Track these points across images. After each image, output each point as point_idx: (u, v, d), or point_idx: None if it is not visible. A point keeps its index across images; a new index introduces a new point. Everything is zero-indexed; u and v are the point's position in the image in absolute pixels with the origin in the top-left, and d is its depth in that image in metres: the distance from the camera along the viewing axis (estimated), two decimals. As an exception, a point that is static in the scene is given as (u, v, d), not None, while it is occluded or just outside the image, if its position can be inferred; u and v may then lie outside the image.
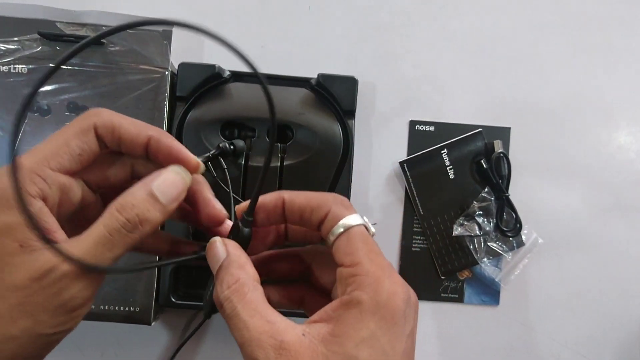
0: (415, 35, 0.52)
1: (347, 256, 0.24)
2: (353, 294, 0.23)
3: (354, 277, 0.23)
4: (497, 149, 0.49)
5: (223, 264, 0.24)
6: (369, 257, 0.24)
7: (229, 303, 0.23)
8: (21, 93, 0.43)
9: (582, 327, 0.51)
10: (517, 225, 0.49)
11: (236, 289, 0.23)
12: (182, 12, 0.51)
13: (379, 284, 0.23)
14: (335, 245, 0.25)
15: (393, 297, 0.23)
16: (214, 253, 0.25)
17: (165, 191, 0.24)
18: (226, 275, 0.24)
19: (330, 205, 0.25)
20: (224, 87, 0.45)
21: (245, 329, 0.22)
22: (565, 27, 0.52)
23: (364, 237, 0.24)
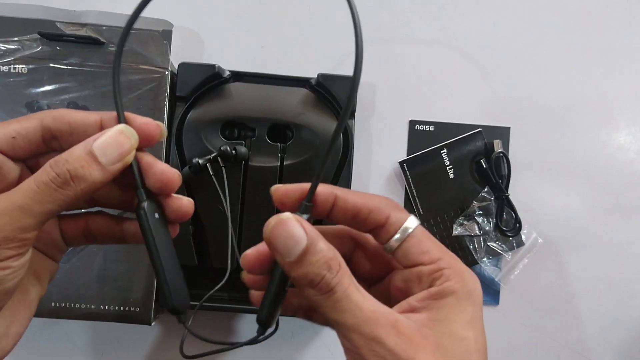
0: (415, 35, 0.52)
1: (425, 255, 0.25)
2: (445, 285, 0.24)
3: (439, 272, 0.24)
4: (496, 149, 0.49)
5: (310, 246, 0.23)
6: (444, 252, 0.25)
7: (341, 286, 0.23)
8: (21, 93, 0.43)
9: (582, 327, 0.51)
10: (517, 225, 0.49)
11: (343, 272, 0.23)
12: (182, 12, 0.51)
13: (463, 274, 0.24)
14: (403, 247, 0.25)
15: (477, 286, 0.25)
16: (289, 234, 0.23)
17: (106, 150, 0.24)
18: (327, 259, 0.23)
19: (389, 210, 0.26)
20: (224, 87, 0.45)
21: (358, 310, 0.22)
22: (565, 27, 0.52)
23: (429, 235, 0.26)
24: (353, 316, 0.22)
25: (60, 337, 0.49)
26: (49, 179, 0.23)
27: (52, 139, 0.26)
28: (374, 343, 0.22)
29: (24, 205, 0.22)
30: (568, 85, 0.52)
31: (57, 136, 0.26)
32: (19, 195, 0.23)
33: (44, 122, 0.26)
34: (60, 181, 0.23)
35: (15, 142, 0.25)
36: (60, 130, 0.26)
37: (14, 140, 0.25)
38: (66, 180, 0.23)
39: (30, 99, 0.43)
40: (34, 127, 0.26)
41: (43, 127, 0.26)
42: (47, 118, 0.26)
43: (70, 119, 0.26)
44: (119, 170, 0.25)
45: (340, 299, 0.23)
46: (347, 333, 0.23)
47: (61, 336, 0.49)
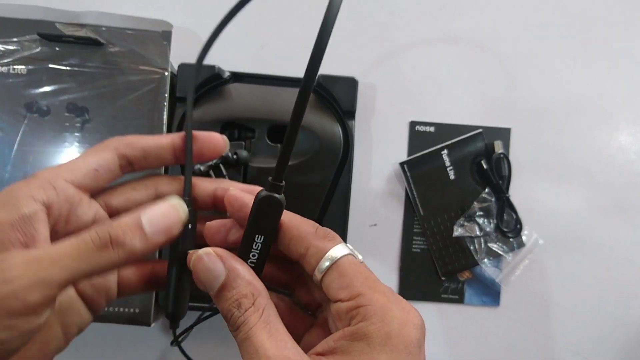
0: (415, 35, 0.52)
1: (343, 290, 0.22)
2: (359, 325, 0.21)
3: (356, 310, 0.22)
4: (497, 150, 0.49)
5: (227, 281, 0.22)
6: (368, 286, 0.22)
7: (245, 326, 0.22)
8: (20, 94, 0.42)
9: (582, 328, 0.50)
10: (518, 226, 0.49)
11: (253, 311, 0.22)
12: (181, 12, 0.51)
13: (386, 312, 0.21)
14: (325, 281, 0.23)
15: (405, 326, 0.21)
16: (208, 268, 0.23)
17: (154, 221, 0.23)
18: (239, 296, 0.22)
19: (310, 239, 0.24)
20: (224, 88, 0.45)
21: (255, 354, 0.21)
22: (565, 27, 0.52)
23: (356, 266, 0.23)
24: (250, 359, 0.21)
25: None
26: (89, 238, 0.22)
27: (127, 165, 0.26)
28: None
29: (57, 256, 0.21)
30: (568, 86, 0.52)
31: (132, 162, 0.26)
32: (57, 247, 0.22)
33: (119, 150, 0.26)
34: (99, 243, 0.22)
35: (98, 174, 0.25)
36: (135, 156, 0.26)
37: (97, 173, 0.25)
38: (106, 243, 0.22)
39: (30, 99, 0.43)
40: (112, 157, 0.26)
41: (119, 155, 0.26)
42: (121, 146, 0.26)
43: (143, 144, 0.26)
44: (163, 243, 0.24)
45: (243, 340, 0.22)
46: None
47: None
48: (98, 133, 0.43)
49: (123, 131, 0.43)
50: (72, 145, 0.43)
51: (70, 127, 0.43)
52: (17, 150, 0.43)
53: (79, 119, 0.43)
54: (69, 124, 0.43)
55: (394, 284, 0.50)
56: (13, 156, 0.43)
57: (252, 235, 0.24)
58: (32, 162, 0.43)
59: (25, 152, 0.43)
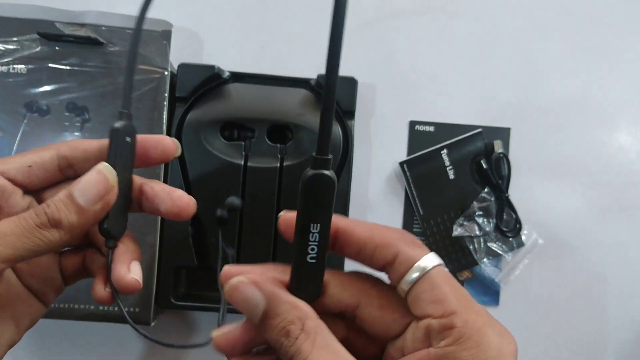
0: (415, 35, 0.52)
1: (435, 305, 0.20)
2: (449, 350, 0.19)
3: (449, 330, 0.20)
4: (497, 150, 0.49)
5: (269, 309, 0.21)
6: (463, 304, 0.20)
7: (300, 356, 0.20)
8: (20, 93, 0.43)
9: (582, 328, 0.50)
10: (517, 225, 0.49)
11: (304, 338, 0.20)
12: (181, 12, 0.51)
13: (482, 337, 0.20)
14: (413, 292, 0.21)
15: (501, 354, 0.20)
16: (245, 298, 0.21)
17: (85, 191, 0.24)
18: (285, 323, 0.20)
19: (398, 245, 0.21)
20: (224, 88, 0.45)
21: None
22: (565, 27, 0.52)
23: (449, 279, 0.21)
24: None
25: (59, 337, 0.49)
26: (30, 217, 0.23)
27: (67, 167, 0.26)
28: None
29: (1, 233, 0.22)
30: (568, 86, 0.52)
31: (72, 164, 0.26)
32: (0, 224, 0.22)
33: (61, 150, 0.26)
34: (39, 222, 0.23)
35: (32, 170, 0.26)
36: (76, 157, 0.26)
37: (30, 169, 0.26)
38: (44, 222, 0.23)
39: (30, 99, 0.43)
40: (50, 156, 0.26)
41: (60, 155, 0.26)
42: (63, 147, 0.26)
43: (86, 146, 0.26)
44: (101, 211, 0.24)
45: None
46: None
47: (60, 336, 0.49)
48: (98, 132, 0.43)
49: (123, 131, 0.43)
50: (72, 144, 0.43)
51: (70, 126, 0.43)
52: (17, 149, 0.43)
53: (79, 119, 0.43)
54: (69, 124, 0.43)
55: (394, 284, 0.50)
56: (13, 155, 0.43)
57: (307, 225, 0.21)
58: (32, 161, 0.43)
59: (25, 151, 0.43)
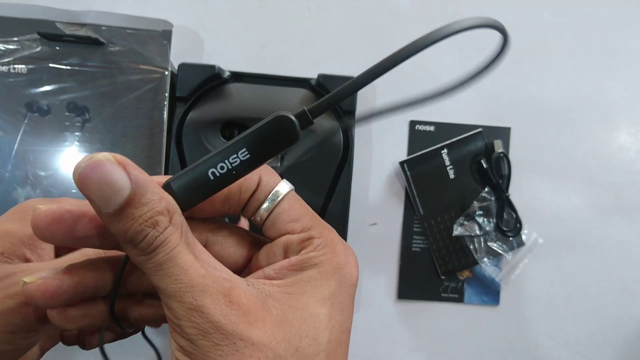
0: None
1: (295, 223, 0.22)
2: (310, 255, 0.21)
3: (308, 241, 0.22)
4: (497, 149, 0.49)
5: (134, 196, 0.18)
6: (317, 221, 0.23)
7: (166, 246, 0.18)
8: (21, 93, 0.43)
9: (582, 327, 0.50)
10: (517, 225, 0.49)
11: (172, 230, 0.19)
12: (181, 12, 0.51)
13: (335, 246, 0.22)
14: (273, 216, 0.22)
15: (349, 261, 0.22)
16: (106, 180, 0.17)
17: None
18: (153, 213, 0.18)
19: (259, 173, 0.22)
20: (224, 88, 0.45)
21: (183, 274, 0.18)
22: (565, 27, 0.52)
23: (302, 202, 0.23)
24: (176, 281, 0.18)
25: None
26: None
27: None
28: (195, 313, 0.18)
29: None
30: (568, 86, 0.52)
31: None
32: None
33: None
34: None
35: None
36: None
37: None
38: None
39: (30, 99, 0.43)
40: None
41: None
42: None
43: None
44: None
45: (163, 262, 0.18)
46: (167, 301, 0.19)
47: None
48: (98, 132, 0.43)
49: (123, 130, 0.43)
50: (73, 144, 0.43)
51: (71, 126, 0.43)
52: (17, 149, 0.43)
53: (80, 118, 0.43)
54: (70, 123, 0.43)
55: (394, 283, 0.50)
56: (14, 155, 0.43)
57: (238, 146, 0.20)
58: (33, 161, 0.43)
59: (25, 151, 0.43)
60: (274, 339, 0.19)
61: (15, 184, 0.43)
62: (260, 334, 0.19)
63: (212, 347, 0.18)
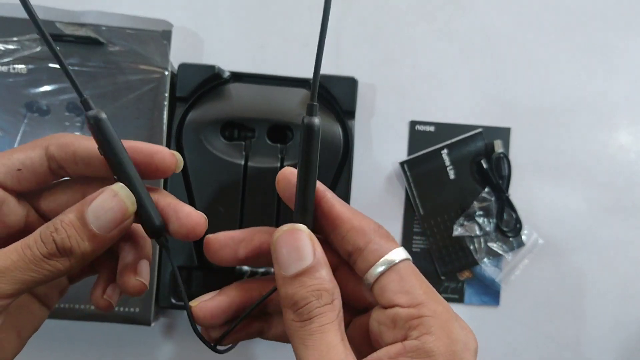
0: (415, 35, 0.52)
1: (404, 295, 0.21)
2: (423, 339, 0.20)
3: (418, 319, 0.20)
4: (497, 149, 0.49)
5: (312, 269, 0.20)
6: (429, 297, 0.21)
7: (321, 319, 0.20)
8: (21, 93, 0.43)
9: (582, 328, 0.50)
10: (518, 225, 0.49)
11: (331, 308, 0.20)
12: (181, 11, 0.51)
13: (450, 329, 0.20)
14: (380, 283, 0.21)
15: (467, 348, 0.20)
16: (297, 247, 0.21)
17: (99, 216, 0.21)
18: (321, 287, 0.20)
19: (372, 235, 0.22)
20: (224, 88, 0.45)
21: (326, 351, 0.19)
22: (565, 27, 0.52)
23: (417, 273, 0.22)
24: (319, 356, 0.19)
25: (60, 337, 0.49)
26: (35, 246, 0.20)
27: (59, 168, 0.24)
28: None
29: (3, 268, 0.20)
30: (568, 86, 0.52)
31: (63, 166, 0.24)
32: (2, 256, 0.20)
33: (49, 150, 0.23)
34: (46, 251, 0.20)
35: (21, 174, 0.23)
36: (65, 160, 0.24)
37: (20, 173, 0.23)
38: (53, 251, 0.20)
39: (30, 99, 0.43)
40: (39, 157, 0.23)
41: (48, 156, 0.23)
42: (52, 146, 0.24)
43: (76, 148, 0.24)
44: (116, 237, 0.22)
45: (313, 333, 0.19)
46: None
47: (60, 337, 0.48)
48: (98, 132, 0.43)
49: (123, 130, 0.43)
50: (72, 144, 0.43)
51: (71, 126, 0.43)
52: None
53: (79, 119, 0.43)
54: (69, 124, 0.43)
55: (394, 284, 0.50)
56: (13, 155, 0.43)
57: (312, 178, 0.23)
58: (33, 161, 0.43)
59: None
60: None
61: (15, 184, 0.43)
62: None
63: None
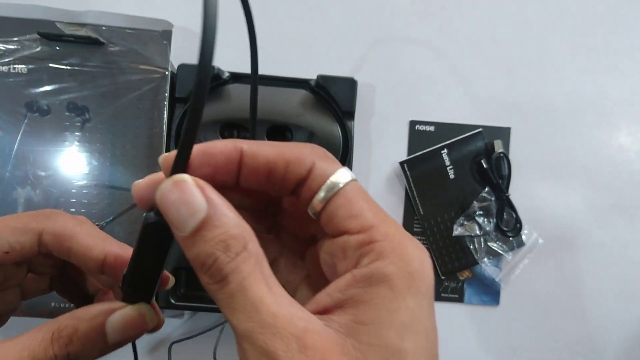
0: (415, 35, 0.52)
1: (353, 220, 0.19)
2: (375, 266, 0.18)
3: (370, 245, 0.18)
4: (497, 149, 0.49)
5: (209, 219, 0.17)
6: (380, 218, 0.19)
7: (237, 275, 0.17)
8: (21, 93, 0.43)
9: (582, 327, 0.50)
10: (518, 225, 0.49)
11: (246, 257, 0.17)
12: (181, 11, 0.51)
13: (404, 249, 0.18)
14: (328, 209, 0.19)
15: (424, 264, 0.18)
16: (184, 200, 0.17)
17: (118, 331, 0.21)
18: (226, 236, 0.17)
19: (312, 158, 0.19)
20: (223, 89, 0.45)
21: (255, 310, 0.17)
22: (565, 27, 0.52)
23: (364, 194, 0.19)
24: (247, 318, 0.17)
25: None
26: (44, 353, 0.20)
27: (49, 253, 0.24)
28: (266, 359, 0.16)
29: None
30: (568, 86, 0.52)
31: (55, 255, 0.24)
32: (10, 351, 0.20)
33: (43, 238, 0.23)
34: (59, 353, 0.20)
35: (7, 256, 0.23)
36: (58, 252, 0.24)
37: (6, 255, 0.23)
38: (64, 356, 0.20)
39: (30, 99, 0.43)
40: (30, 243, 0.23)
41: (41, 243, 0.23)
42: (47, 235, 0.23)
43: (72, 245, 0.23)
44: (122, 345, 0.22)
45: (235, 293, 0.17)
46: (240, 341, 0.17)
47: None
48: (98, 132, 0.43)
49: (123, 130, 0.43)
50: (73, 144, 0.43)
51: (71, 126, 0.43)
52: (17, 149, 0.43)
53: (79, 118, 0.43)
54: (69, 123, 0.43)
55: (394, 283, 0.50)
56: (14, 155, 0.43)
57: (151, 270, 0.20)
58: (33, 161, 0.43)
59: (25, 151, 0.43)
60: None
61: (15, 184, 0.43)
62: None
63: None
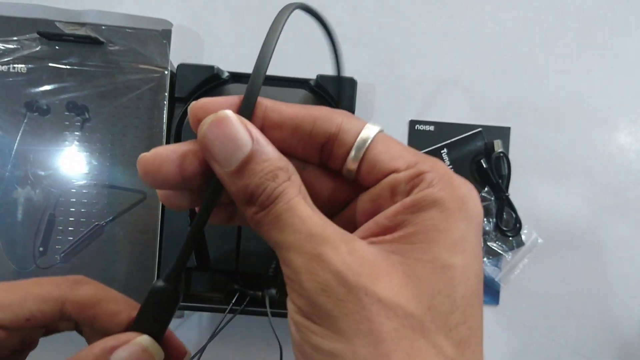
0: (415, 35, 0.52)
1: (398, 159, 0.19)
2: (425, 192, 0.18)
3: (419, 177, 0.18)
4: (497, 149, 0.49)
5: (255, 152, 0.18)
6: (421, 156, 0.19)
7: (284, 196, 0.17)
8: (20, 93, 0.43)
9: (582, 327, 0.50)
10: (517, 225, 0.49)
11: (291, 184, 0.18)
12: (181, 11, 0.51)
13: (452, 179, 0.18)
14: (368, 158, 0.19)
15: (472, 194, 0.18)
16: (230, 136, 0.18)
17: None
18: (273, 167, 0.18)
19: (338, 116, 0.20)
20: (223, 89, 0.45)
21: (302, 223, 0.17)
22: (565, 27, 0.52)
23: (397, 140, 0.20)
24: (295, 231, 0.17)
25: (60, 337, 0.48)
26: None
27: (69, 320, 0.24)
28: (315, 263, 0.16)
29: None
30: (568, 85, 0.52)
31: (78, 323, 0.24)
32: None
33: (66, 308, 0.23)
34: None
35: (28, 323, 0.23)
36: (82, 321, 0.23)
37: (27, 322, 0.23)
38: None
39: (30, 98, 0.43)
40: (51, 312, 0.23)
41: (63, 312, 0.23)
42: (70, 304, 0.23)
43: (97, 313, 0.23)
44: None
45: (282, 212, 0.17)
46: (286, 255, 0.17)
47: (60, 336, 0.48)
48: (98, 132, 0.43)
49: (123, 130, 0.43)
50: (72, 144, 0.43)
51: (71, 126, 0.43)
52: (17, 149, 0.43)
53: (79, 118, 0.43)
54: (69, 123, 0.43)
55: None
56: (13, 155, 0.43)
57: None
58: (33, 161, 0.43)
59: (25, 151, 0.43)
60: (402, 297, 0.16)
61: (15, 184, 0.43)
62: (388, 290, 0.16)
63: (334, 304, 0.16)
